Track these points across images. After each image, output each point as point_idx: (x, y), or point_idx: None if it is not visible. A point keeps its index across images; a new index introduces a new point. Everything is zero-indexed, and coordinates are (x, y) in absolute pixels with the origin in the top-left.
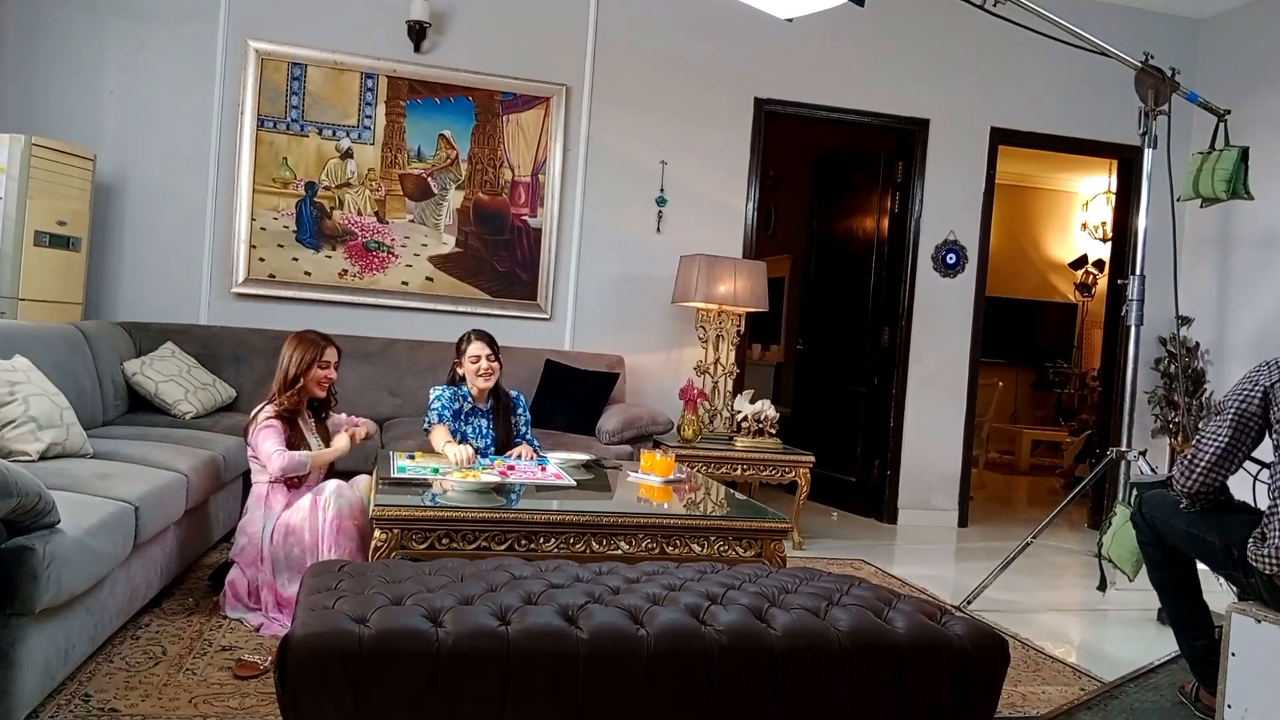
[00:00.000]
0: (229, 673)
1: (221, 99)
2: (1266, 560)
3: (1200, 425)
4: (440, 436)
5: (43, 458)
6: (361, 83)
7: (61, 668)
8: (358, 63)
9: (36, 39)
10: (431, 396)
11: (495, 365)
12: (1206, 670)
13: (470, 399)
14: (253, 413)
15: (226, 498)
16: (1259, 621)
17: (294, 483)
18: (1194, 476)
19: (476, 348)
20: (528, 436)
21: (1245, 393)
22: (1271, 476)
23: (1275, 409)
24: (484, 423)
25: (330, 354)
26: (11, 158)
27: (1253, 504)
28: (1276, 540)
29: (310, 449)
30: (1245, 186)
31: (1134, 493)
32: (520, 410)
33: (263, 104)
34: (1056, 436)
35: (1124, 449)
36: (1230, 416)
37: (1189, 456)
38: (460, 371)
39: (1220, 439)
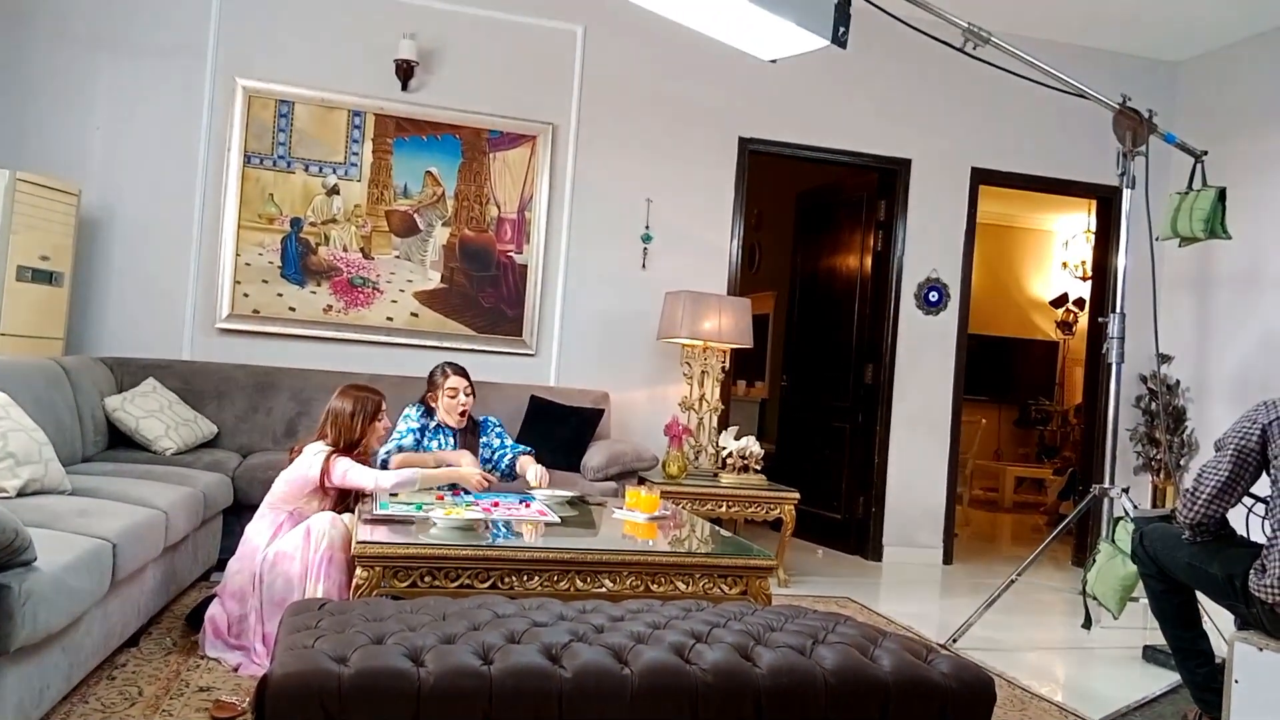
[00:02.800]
0: (206, 714)
1: (208, 135)
2: (1268, 590)
3: (1182, 462)
4: (416, 456)
5: (20, 494)
6: (349, 120)
7: (35, 708)
8: (345, 100)
9: (23, 73)
10: (400, 418)
11: (471, 399)
12: (1208, 697)
13: (436, 419)
14: (310, 453)
15: (206, 535)
16: (1260, 650)
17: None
18: (1195, 508)
19: (455, 381)
20: (520, 451)
21: (1245, 430)
22: (1269, 511)
23: (1273, 445)
24: (451, 443)
25: (384, 404)
26: None
27: (1249, 538)
28: (1277, 571)
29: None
30: (1223, 226)
31: (1129, 527)
32: (486, 433)
33: (250, 140)
34: (1040, 474)
35: (1106, 486)
36: (1230, 452)
37: (1191, 489)
38: (434, 405)
39: (1221, 473)
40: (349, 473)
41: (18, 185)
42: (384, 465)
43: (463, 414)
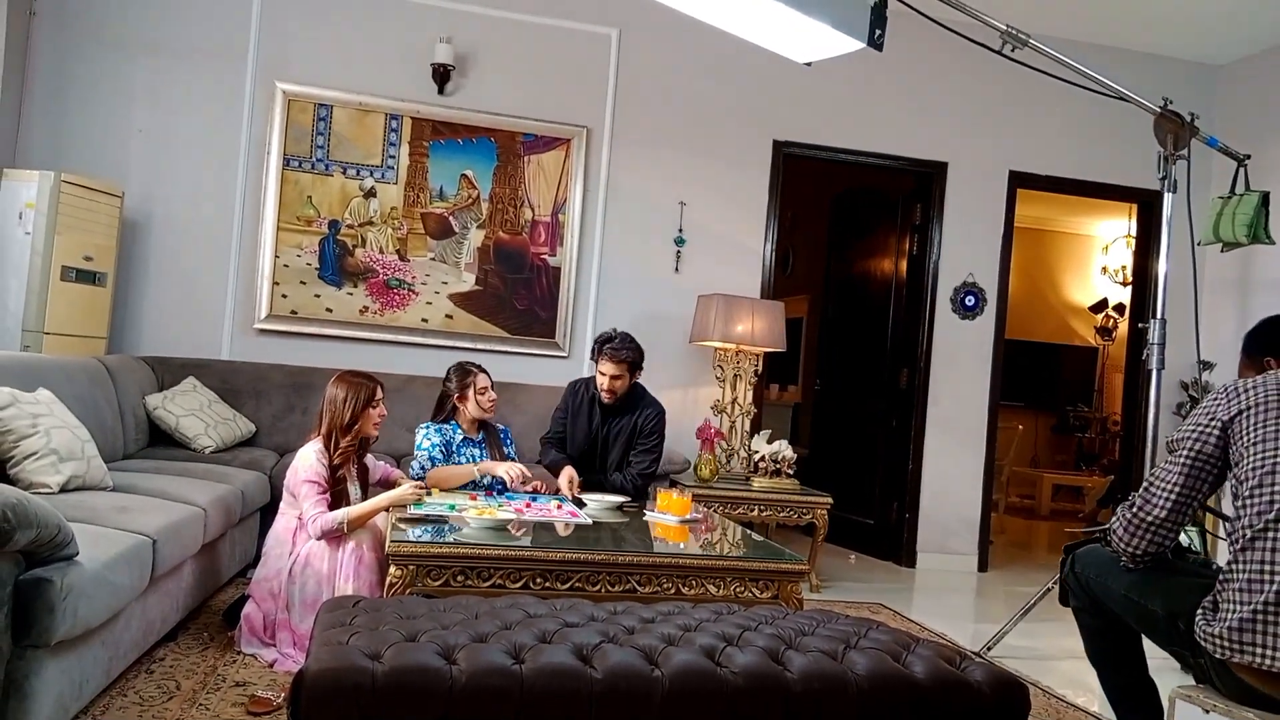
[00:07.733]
0: (242, 708)
1: (248, 138)
2: (1217, 641)
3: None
4: (451, 470)
5: (63, 490)
6: (386, 123)
7: (75, 701)
8: (382, 104)
9: (67, 77)
10: (419, 438)
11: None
12: None
13: (460, 431)
14: (301, 456)
15: (243, 532)
16: (1207, 711)
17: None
18: (1141, 534)
19: (485, 380)
20: None
21: (1200, 429)
22: (1230, 531)
23: (1234, 447)
24: (477, 452)
25: (379, 391)
26: (40, 194)
27: (1207, 560)
28: (1230, 615)
29: (348, 493)
30: (1266, 231)
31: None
32: (509, 442)
33: (289, 143)
34: (1078, 481)
35: None
36: (1184, 460)
37: (1134, 507)
38: (460, 405)
39: (1171, 489)
40: (303, 498)
41: (62, 187)
42: (419, 478)
43: (490, 407)
